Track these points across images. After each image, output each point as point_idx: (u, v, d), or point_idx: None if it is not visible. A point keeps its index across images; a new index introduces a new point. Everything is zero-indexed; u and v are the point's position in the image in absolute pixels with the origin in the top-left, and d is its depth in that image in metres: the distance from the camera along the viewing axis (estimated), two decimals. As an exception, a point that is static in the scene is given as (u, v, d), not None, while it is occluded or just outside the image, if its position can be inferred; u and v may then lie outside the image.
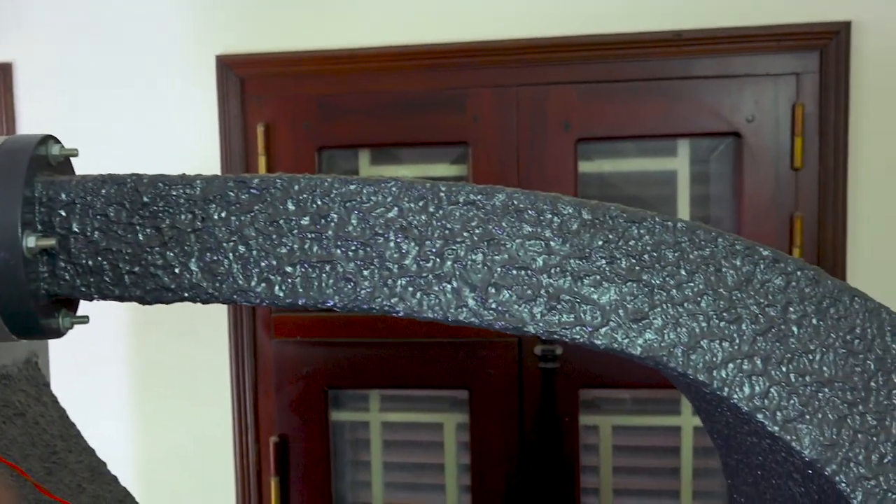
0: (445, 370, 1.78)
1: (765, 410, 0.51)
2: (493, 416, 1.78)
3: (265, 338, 1.81)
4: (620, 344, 0.50)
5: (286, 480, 1.84)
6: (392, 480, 1.93)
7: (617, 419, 1.82)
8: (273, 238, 0.49)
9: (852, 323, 0.53)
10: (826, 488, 0.54)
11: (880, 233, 1.66)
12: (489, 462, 1.81)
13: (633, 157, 1.77)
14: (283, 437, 1.82)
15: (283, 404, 1.82)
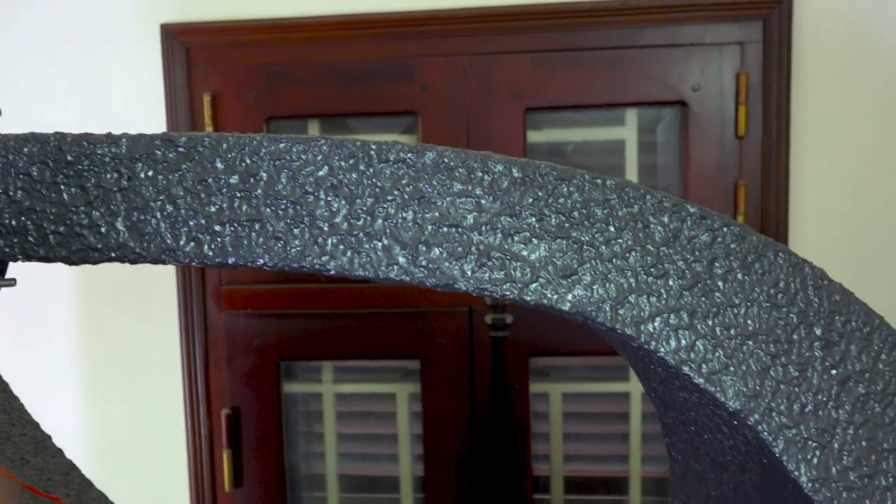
0: (397, 340, 1.79)
1: (691, 363, 0.52)
2: (445, 385, 1.80)
3: (215, 310, 1.80)
4: (550, 300, 0.51)
5: (239, 452, 1.84)
6: (345, 451, 1.94)
7: (566, 386, 1.85)
8: (201, 197, 0.49)
9: (776, 277, 0.54)
10: (751, 438, 0.56)
11: (822, 199, 1.69)
12: (441, 431, 1.82)
13: (581, 126, 1.78)
14: (235, 409, 1.82)
15: (234, 377, 1.81)
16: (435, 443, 1.83)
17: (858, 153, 1.68)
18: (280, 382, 1.84)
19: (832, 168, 1.68)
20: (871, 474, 0.53)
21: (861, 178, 1.68)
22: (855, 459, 0.53)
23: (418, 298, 1.75)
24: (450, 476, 1.84)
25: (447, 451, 1.83)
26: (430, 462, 1.84)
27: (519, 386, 1.78)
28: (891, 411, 0.54)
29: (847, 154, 1.68)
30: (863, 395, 0.54)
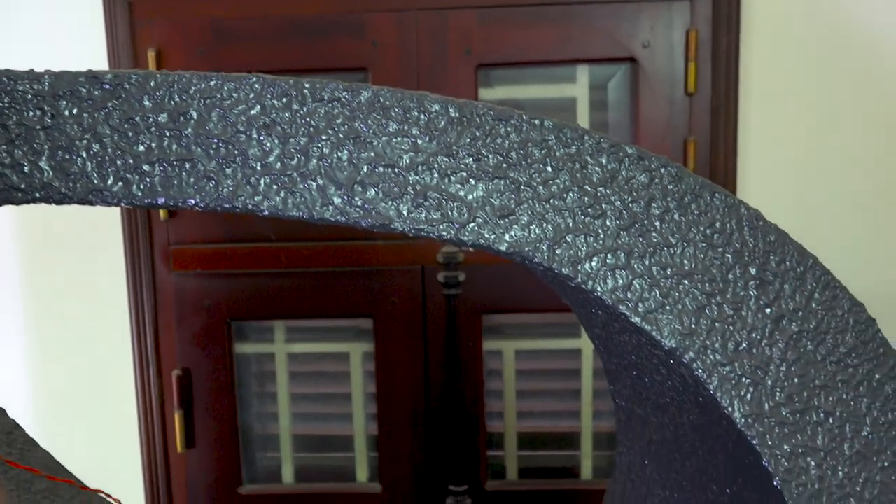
0: (349, 299, 1.78)
1: (627, 303, 0.52)
2: (398, 343, 1.80)
3: (164, 270, 1.78)
4: (487, 240, 0.51)
5: (190, 413, 1.82)
6: (299, 411, 1.93)
7: (519, 343, 1.86)
8: (129, 136, 0.47)
9: (712, 218, 0.54)
10: (687, 377, 0.57)
11: (770, 156, 1.71)
12: (395, 389, 1.83)
13: (533, 83, 1.77)
14: (186, 370, 1.80)
15: (184, 337, 1.79)
16: (389, 401, 1.84)
17: (806, 109, 1.70)
18: (231, 343, 1.82)
19: (780, 124, 1.70)
20: (803, 410, 0.54)
21: (808, 135, 1.71)
22: (787, 396, 0.54)
23: (371, 257, 1.75)
24: (404, 434, 1.85)
25: (401, 409, 1.84)
26: (384, 421, 1.85)
27: (472, 343, 1.79)
28: (823, 349, 0.55)
29: (795, 110, 1.70)
30: (796, 333, 0.55)
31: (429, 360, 1.81)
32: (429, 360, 1.81)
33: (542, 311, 1.82)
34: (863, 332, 0.57)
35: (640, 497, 0.84)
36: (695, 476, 0.68)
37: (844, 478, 0.54)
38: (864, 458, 0.55)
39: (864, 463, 0.55)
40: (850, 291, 0.56)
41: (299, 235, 1.75)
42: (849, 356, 0.56)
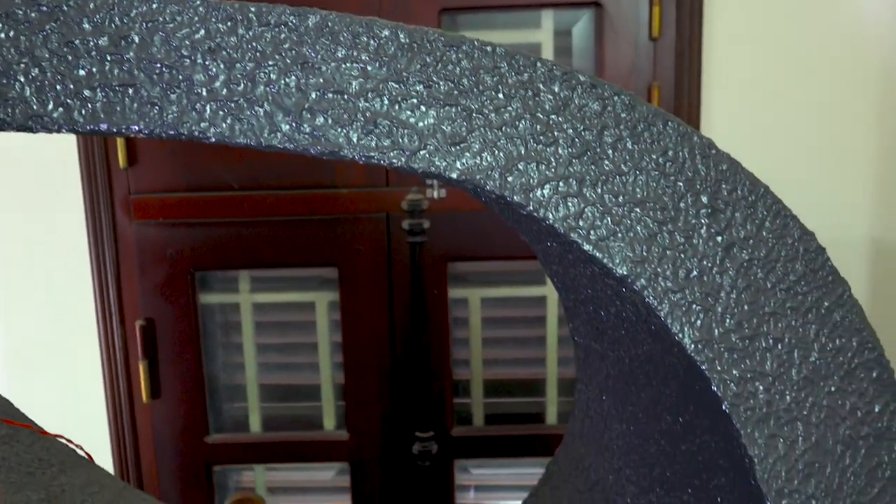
0: (314, 248, 1.77)
1: (579, 230, 0.52)
2: (364, 292, 1.80)
3: (125, 220, 1.75)
4: (438, 167, 0.50)
5: (155, 364, 1.82)
6: (265, 361, 1.93)
7: (485, 291, 1.87)
8: (69, 60, 0.46)
9: (665, 146, 0.54)
10: (640, 306, 0.57)
11: (734, 101, 1.72)
12: (361, 338, 1.83)
13: (497, 29, 1.76)
14: (150, 320, 1.79)
15: (147, 287, 1.78)
16: (355, 350, 1.84)
17: (770, 54, 1.70)
18: (195, 293, 1.81)
19: (744, 69, 1.70)
20: (752, 336, 0.54)
21: (772, 79, 1.71)
22: (737, 322, 0.54)
23: (334, 205, 1.74)
24: (371, 383, 1.85)
25: (367, 358, 1.84)
26: (350, 370, 1.86)
27: (437, 291, 1.80)
28: (773, 277, 0.56)
29: (759, 55, 1.70)
30: (746, 260, 0.55)
31: (394, 309, 1.81)
32: (394, 309, 1.81)
33: (506, 259, 1.82)
34: (812, 261, 0.57)
35: (597, 432, 0.85)
36: (649, 407, 0.68)
37: (792, 402, 0.55)
38: (812, 383, 0.56)
39: (812, 388, 0.56)
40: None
41: (262, 184, 1.73)
42: (798, 284, 0.56)
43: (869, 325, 0.59)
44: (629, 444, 0.76)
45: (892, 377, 0.59)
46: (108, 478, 1.11)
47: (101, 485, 1.07)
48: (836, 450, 0.56)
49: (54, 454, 1.09)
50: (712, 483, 0.60)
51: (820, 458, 0.55)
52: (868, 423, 0.57)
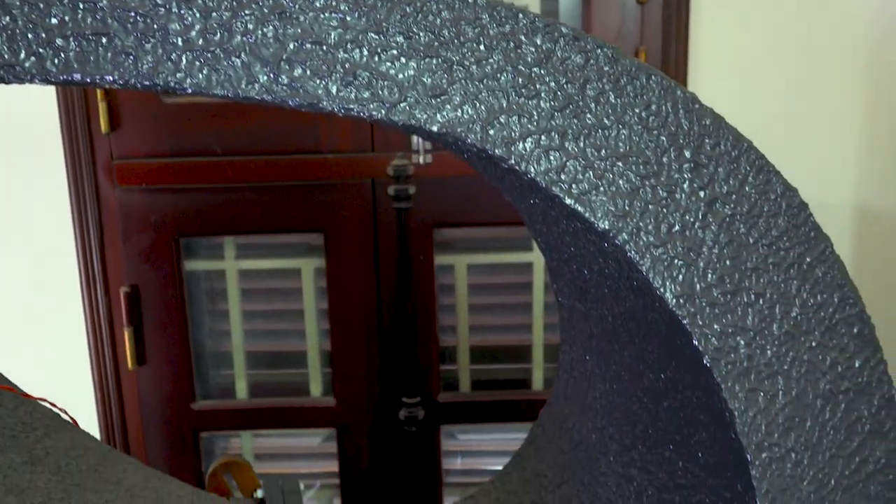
0: (299, 214, 1.76)
1: (561, 184, 0.52)
2: (350, 258, 1.79)
3: (108, 186, 1.74)
4: (419, 120, 0.50)
5: (140, 331, 1.81)
6: (251, 328, 1.93)
7: (471, 258, 1.87)
8: (41, 8, 0.45)
9: (648, 100, 0.54)
10: (622, 262, 0.57)
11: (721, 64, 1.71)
12: (347, 305, 1.83)
13: (483, -8, 1.74)
14: (135, 287, 1.78)
15: (132, 254, 1.77)
16: (341, 317, 1.84)
17: (757, 18, 1.69)
18: (180, 259, 1.80)
19: (731, 33, 1.69)
20: (734, 291, 0.54)
21: (759, 44, 1.70)
22: (719, 277, 0.54)
23: (320, 171, 1.73)
24: (357, 349, 1.86)
25: (354, 324, 1.84)
26: (336, 336, 1.86)
27: (423, 258, 1.79)
28: (755, 232, 0.56)
29: (746, 19, 1.69)
30: (729, 216, 0.55)
31: (380, 275, 1.81)
32: (380, 275, 1.81)
33: (493, 225, 1.82)
34: (795, 216, 0.57)
35: (581, 392, 0.85)
36: (632, 365, 0.69)
37: (773, 356, 0.55)
38: (793, 338, 0.56)
39: (793, 343, 0.56)
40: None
41: (246, 149, 1.72)
42: (780, 239, 0.56)
43: (850, 281, 0.59)
44: (612, 402, 0.76)
45: (872, 333, 0.59)
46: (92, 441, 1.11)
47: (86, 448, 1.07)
48: (816, 404, 0.56)
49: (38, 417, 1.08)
50: (693, 438, 0.60)
51: (800, 411, 0.55)
52: (848, 377, 0.57)
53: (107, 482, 1.01)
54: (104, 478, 1.02)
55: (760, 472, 0.53)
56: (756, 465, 0.53)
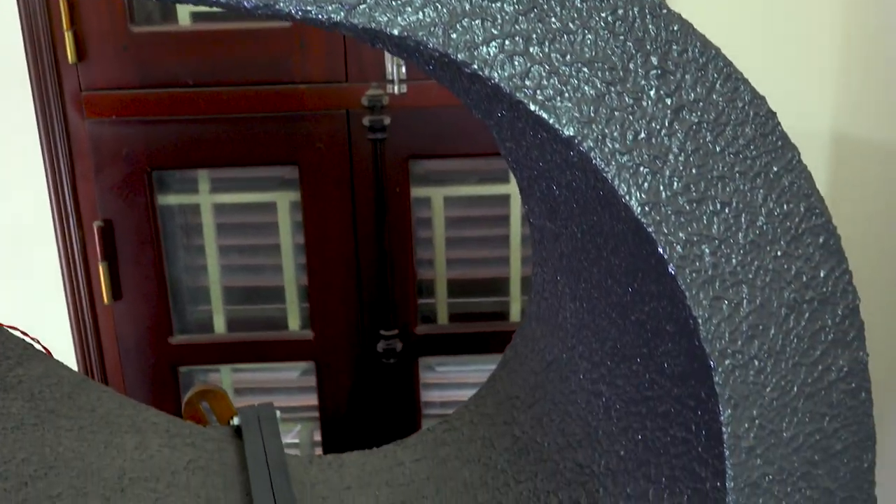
0: (273, 146, 1.74)
1: (525, 90, 0.51)
2: (325, 191, 1.78)
3: (77, 118, 1.71)
4: (379, 23, 0.48)
5: (115, 265, 1.80)
6: (228, 263, 1.92)
7: (448, 190, 1.86)
8: None
9: (614, 4, 0.53)
10: (587, 170, 0.57)
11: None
12: (323, 239, 1.82)
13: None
14: (108, 221, 1.76)
15: (104, 188, 1.74)
16: (318, 251, 1.83)
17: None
18: (153, 193, 1.78)
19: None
20: (700, 199, 0.54)
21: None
22: (684, 185, 0.54)
23: (293, 102, 1.70)
24: (334, 283, 1.85)
25: (330, 258, 1.84)
26: (313, 270, 1.85)
27: (400, 189, 1.78)
28: (722, 140, 0.55)
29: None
30: (695, 124, 0.55)
31: (356, 209, 1.80)
32: (356, 209, 1.80)
33: (469, 157, 1.81)
34: (763, 125, 0.57)
35: (552, 313, 0.86)
36: (601, 281, 0.69)
37: (738, 265, 0.55)
38: (758, 247, 0.56)
39: (758, 252, 0.56)
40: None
41: (218, 80, 1.69)
42: (747, 148, 0.56)
43: (817, 191, 0.59)
44: (582, 321, 0.77)
45: (838, 243, 0.59)
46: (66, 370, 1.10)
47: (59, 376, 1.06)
48: (780, 313, 0.56)
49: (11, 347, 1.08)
50: (660, 349, 0.60)
51: (764, 320, 0.56)
52: (813, 287, 0.57)
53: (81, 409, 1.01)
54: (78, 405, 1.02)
55: (723, 379, 0.54)
56: (719, 371, 0.54)
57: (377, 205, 1.75)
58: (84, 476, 0.84)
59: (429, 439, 1.06)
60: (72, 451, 0.88)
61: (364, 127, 1.68)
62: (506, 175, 1.85)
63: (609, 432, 0.70)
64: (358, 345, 1.89)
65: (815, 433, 0.58)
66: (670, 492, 0.60)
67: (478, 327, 1.93)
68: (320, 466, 1.07)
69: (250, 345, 1.91)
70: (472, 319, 1.96)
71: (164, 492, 0.88)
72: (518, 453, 0.87)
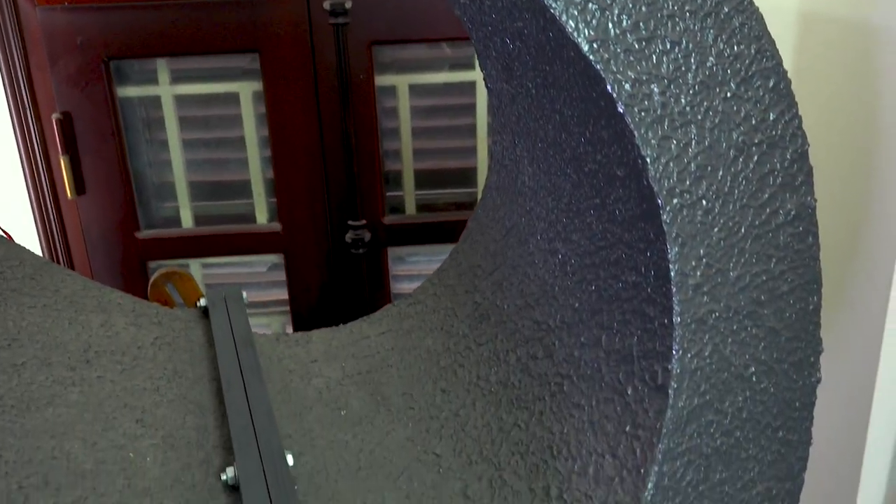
0: (232, 33, 1.70)
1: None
2: (287, 80, 1.75)
3: (28, 6, 1.65)
4: None
5: (77, 159, 1.77)
6: (193, 158, 1.90)
7: (412, 77, 1.84)
8: None
9: None
10: (536, 12, 0.56)
11: None
12: (288, 130, 1.80)
13: None
14: (67, 114, 1.73)
15: (60, 79, 1.70)
16: (283, 143, 1.81)
17: None
18: (112, 84, 1.74)
19: None
20: (649, 38, 0.54)
21: None
22: (634, 23, 0.53)
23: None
24: (300, 176, 1.84)
25: (296, 150, 1.82)
26: (279, 163, 1.84)
27: (364, 76, 1.76)
28: (673, -19, 0.55)
29: None
30: (645, -40, 0.54)
31: (320, 99, 1.77)
32: (320, 99, 1.77)
33: (433, 41, 1.78)
34: (714, -36, 0.56)
35: (511, 179, 0.86)
36: (556, 138, 0.69)
37: (686, 105, 0.55)
38: (707, 87, 0.56)
39: (707, 93, 0.56)
40: None
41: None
42: (698, -13, 0.55)
43: (768, 33, 0.59)
44: (539, 182, 0.77)
45: (788, 87, 0.59)
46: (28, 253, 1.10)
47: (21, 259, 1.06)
48: (728, 154, 0.57)
49: (-31, 231, 1.07)
50: (611, 197, 0.61)
51: (712, 161, 0.56)
52: (762, 130, 0.58)
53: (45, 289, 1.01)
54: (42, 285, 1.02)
55: (671, 218, 0.55)
56: (667, 210, 0.55)
57: (341, 93, 1.73)
58: (48, 348, 0.84)
59: (393, 313, 1.07)
60: (35, 326, 0.88)
61: (325, 11, 1.64)
62: (471, 61, 1.83)
63: (565, 287, 0.71)
64: (326, 236, 1.89)
65: (761, 274, 0.59)
66: (621, 335, 0.61)
67: (445, 217, 1.93)
68: (287, 343, 1.08)
69: (218, 238, 1.90)
70: (440, 210, 1.97)
71: (130, 364, 0.89)
72: (479, 319, 0.89)
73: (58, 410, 0.71)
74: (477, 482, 0.69)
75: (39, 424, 0.68)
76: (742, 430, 0.60)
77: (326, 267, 1.92)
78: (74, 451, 0.65)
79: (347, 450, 0.79)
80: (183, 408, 0.82)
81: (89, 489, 0.61)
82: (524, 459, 0.68)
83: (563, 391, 0.67)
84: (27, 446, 0.64)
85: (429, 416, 0.82)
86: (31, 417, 0.69)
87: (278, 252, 1.92)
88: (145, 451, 0.71)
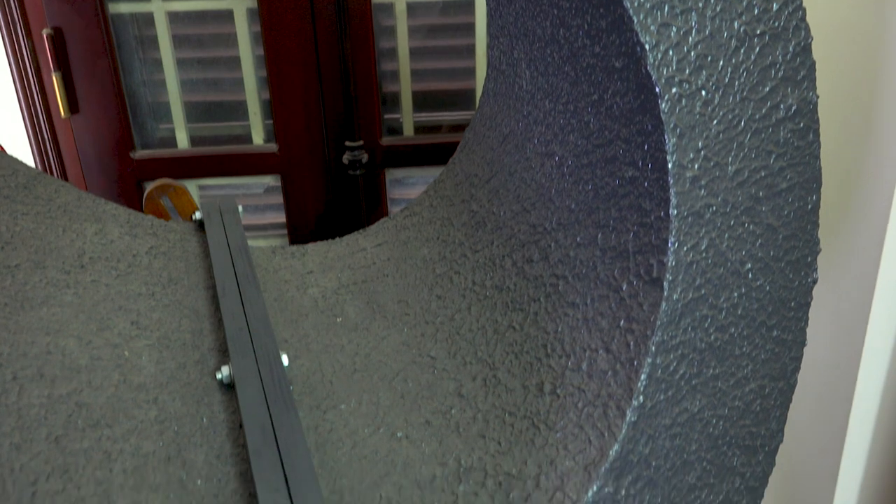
0: (226, -53, 1.66)
1: None
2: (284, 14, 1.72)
3: (15, -83, 1.61)
4: None
5: (69, 77, 1.75)
6: (187, 77, 1.87)
7: (410, -6, 1.80)
8: None
9: None
10: None
11: None
12: (283, 50, 1.77)
13: None
14: (58, 29, 1.70)
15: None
16: (278, 62, 1.79)
17: None
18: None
19: None
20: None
21: None
22: None
23: None
24: (296, 96, 1.82)
25: (291, 70, 1.80)
26: (275, 83, 1.81)
27: (359, -7, 1.72)
28: None
29: None
30: None
31: (315, 15, 1.74)
32: (315, 15, 1.74)
33: (432, -42, 1.74)
34: None
35: (509, 85, 0.84)
36: (554, 35, 0.67)
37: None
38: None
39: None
40: None
41: None
42: None
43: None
44: (537, 85, 0.76)
45: (792, -23, 0.57)
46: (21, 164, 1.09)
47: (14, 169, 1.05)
48: (729, 44, 0.55)
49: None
50: (609, 91, 0.60)
51: (713, 50, 0.55)
52: (764, 20, 0.56)
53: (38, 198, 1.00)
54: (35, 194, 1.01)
55: (669, 107, 0.54)
56: (665, 99, 0.54)
57: (338, 12, 1.69)
58: (42, 252, 0.84)
59: (390, 226, 1.07)
60: (29, 231, 0.88)
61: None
62: (470, -21, 1.79)
63: (561, 189, 0.71)
64: (323, 157, 1.87)
65: (760, 169, 0.58)
66: (617, 232, 0.61)
67: (443, 138, 1.92)
68: (283, 255, 1.08)
69: (214, 159, 1.89)
70: (438, 131, 1.95)
71: (125, 270, 0.89)
72: (475, 226, 0.88)
73: (52, 310, 0.71)
74: (471, 381, 0.69)
75: (34, 322, 0.68)
76: (737, 327, 0.60)
77: (324, 188, 1.91)
78: (69, 348, 0.65)
79: (343, 353, 0.79)
80: (178, 312, 0.82)
81: (84, 382, 0.61)
82: (518, 359, 0.68)
83: (559, 291, 0.67)
84: (22, 341, 0.64)
85: (424, 321, 0.82)
86: (25, 315, 0.69)
87: (275, 173, 1.91)
88: (140, 351, 0.71)
